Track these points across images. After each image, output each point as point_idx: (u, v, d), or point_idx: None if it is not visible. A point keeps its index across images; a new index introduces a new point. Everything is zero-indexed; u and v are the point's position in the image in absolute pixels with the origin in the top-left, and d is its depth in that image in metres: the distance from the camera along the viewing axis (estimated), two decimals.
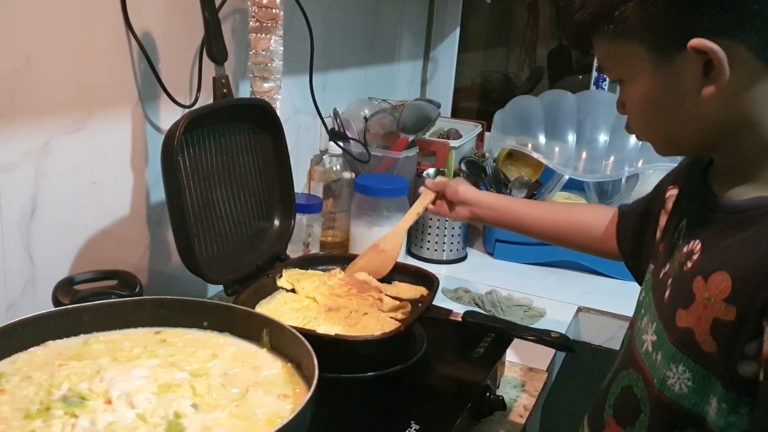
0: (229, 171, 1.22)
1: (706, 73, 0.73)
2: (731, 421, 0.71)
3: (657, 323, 0.81)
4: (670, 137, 0.83)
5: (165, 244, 1.33)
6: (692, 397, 0.74)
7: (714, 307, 0.71)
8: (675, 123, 0.79)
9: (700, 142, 0.81)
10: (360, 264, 1.31)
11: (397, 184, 1.68)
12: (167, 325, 0.94)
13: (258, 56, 1.34)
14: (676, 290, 0.80)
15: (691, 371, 0.74)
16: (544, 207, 1.27)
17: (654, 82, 0.77)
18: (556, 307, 1.53)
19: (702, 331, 0.73)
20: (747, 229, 0.73)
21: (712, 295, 0.72)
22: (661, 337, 0.79)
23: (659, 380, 0.78)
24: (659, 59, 0.75)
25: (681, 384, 0.75)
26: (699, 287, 0.74)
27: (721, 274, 0.71)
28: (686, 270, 0.78)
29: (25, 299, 1.07)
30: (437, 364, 1.13)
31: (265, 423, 0.76)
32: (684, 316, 0.75)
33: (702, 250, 0.78)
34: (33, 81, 1.02)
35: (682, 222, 0.87)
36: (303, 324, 1.10)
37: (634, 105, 0.81)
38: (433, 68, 2.41)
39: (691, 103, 0.75)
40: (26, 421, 0.72)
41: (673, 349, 0.76)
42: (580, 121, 1.80)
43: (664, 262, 0.87)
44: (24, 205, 1.05)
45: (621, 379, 0.87)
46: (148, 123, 1.25)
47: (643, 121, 0.83)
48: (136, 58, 1.18)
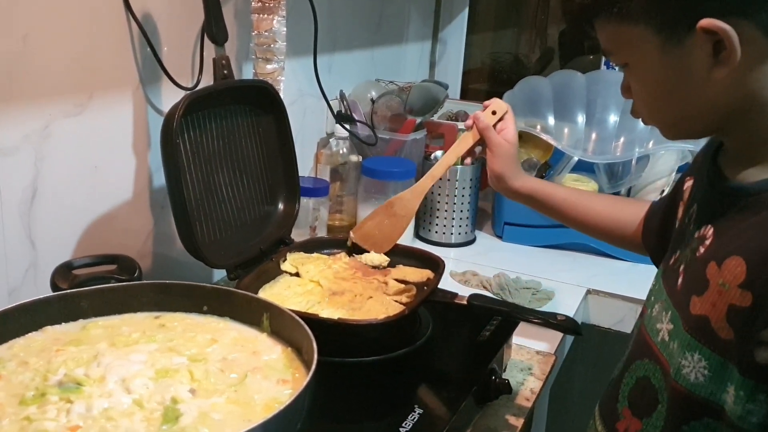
0: (231, 154, 1.21)
1: (715, 54, 0.71)
2: (750, 409, 0.69)
3: (672, 311, 0.79)
4: (678, 121, 0.81)
5: (169, 229, 1.32)
6: (709, 386, 0.72)
7: (729, 293, 0.69)
8: (683, 106, 0.77)
9: (709, 125, 0.79)
10: (368, 226, 1.27)
11: (404, 166, 1.66)
12: (167, 310, 0.93)
13: (260, 37, 1.32)
14: (689, 277, 0.78)
15: (708, 359, 0.72)
16: (588, 197, 1.16)
17: (662, 66, 0.75)
18: (565, 289, 1.52)
19: (718, 318, 0.70)
20: (760, 212, 0.71)
21: (727, 280, 0.70)
22: (677, 326, 0.77)
23: (675, 370, 0.76)
24: (667, 41, 0.73)
25: (697, 373, 0.73)
26: (713, 273, 0.72)
27: (735, 259, 0.69)
28: (699, 256, 0.77)
29: (27, 284, 1.07)
30: (442, 347, 1.12)
31: (263, 408, 0.75)
32: (698, 303, 0.73)
33: (714, 235, 0.76)
34: (31, 63, 1.01)
35: (692, 207, 0.85)
36: (306, 308, 1.09)
37: (641, 89, 0.80)
38: (442, 49, 2.38)
39: (700, 85, 0.74)
40: (21, 407, 0.72)
41: (689, 337, 0.74)
42: (589, 101, 1.77)
43: (675, 249, 0.85)
44: (24, 190, 1.04)
45: (635, 370, 0.85)
46: (149, 106, 1.23)
47: (651, 105, 0.81)
48: (136, 40, 1.17)
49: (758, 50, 0.71)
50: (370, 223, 1.28)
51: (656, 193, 1.69)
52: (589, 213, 1.13)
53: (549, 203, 1.15)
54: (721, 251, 0.72)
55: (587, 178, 1.79)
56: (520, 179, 1.15)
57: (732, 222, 0.74)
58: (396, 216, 1.25)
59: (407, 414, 0.92)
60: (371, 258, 1.27)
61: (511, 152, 1.15)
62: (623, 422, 0.85)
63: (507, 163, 1.15)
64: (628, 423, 0.84)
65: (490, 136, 1.15)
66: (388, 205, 1.27)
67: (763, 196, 0.72)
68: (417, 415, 0.92)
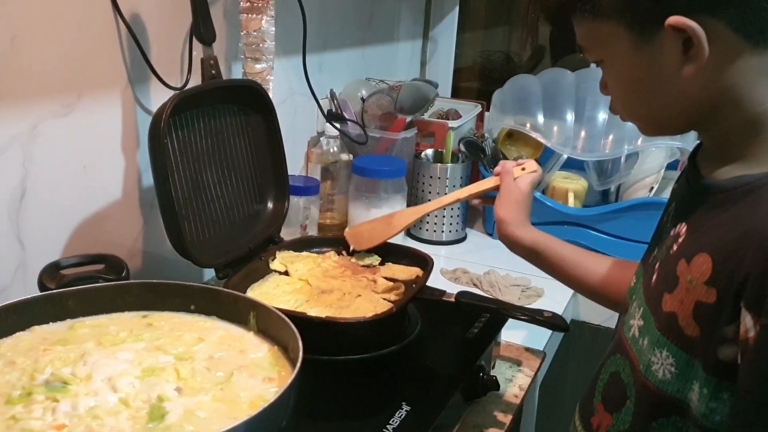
0: (220, 153, 1.21)
1: (685, 51, 0.72)
2: (713, 407, 0.70)
3: (644, 308, 0.80)
4: (653, 117, 0.81)
5: (159, 228, 1.31)
6: (676, 383, 0.73)
7: (696, 290, 0.70)
8: (657, 103, 0.78)
9: (684, 121, 0.80)
10: (363, 228, 1.30)
11: (395, 165, 1.66)
12: (154, 309, 0.94)
13: (249, 37, 1.32)
14: (662, 274, 0.79)
15: (675, 356, 0.73)
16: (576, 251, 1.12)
17: (634, 62, 0.76)
18: (555, 286, 1.50)
19: (685, 315, 0.71)
20: (729, 209, 0.71)
21: (694, 277, 0.70)
22: (648, 322, 0.78)
23: (644, 366, 0.77)
24: (638, 39, 0.74)
25: (665, 370, 0.74)
26: (682, 270, 0.73)
27: (703, 256, 0.70)
28: (672, 253, 0.77)
29: (16, 284, 1.07)
30: (430, 345, 1.13)
31: (248, 406, 0.76)
32: (669, 300, 0.74)
33: (687, 233, 0.77)
34: (19, 63, 1.01)
35: (671, 206, 0.86)
36: (295, 307, 1.10)
37: (616, 86, 0.81)
38: (433, 48, 2.39)
39: (672, 82, 0.74)
40: (7, 407, 0.72)
41: (658, 333, 0.75)
42: (579, 99, 1.78)
43: (653, 247, 0.86)
44: (13, 190, 1.05)
45: (609, 365, 0.86)
46: (138, 106, 1.23)
47: (626, 101, 0.82)
48: (124, 40, 1.17)
49: (728, 47, 0.71)
50: (365, 226, 1.30)
51: (645, 190, 1.70)
52: (590, 275, 1.09)
53: (551, 259, 1.11)
54: (691, 248, 0.73)
55: (577, 175, 1.80)
56: (524, 229, 1.11)
57: (704, 219, 0.75)
58: (390, 225, 1.27)
59: (395, 411, 0.93)
60: (361, 257, 1.28)
61: (520, 200, 1.12)
62: (597, 417, 0.86)
63: (513, 209, 1.12)
64: (601, 418, 0.85)
65: (505, 180, 1.13)
66: (389, 216, 1.28)
67: (734, 193, 0.72)
68: (404, 412, 0.93)
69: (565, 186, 1.75)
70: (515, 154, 1.85)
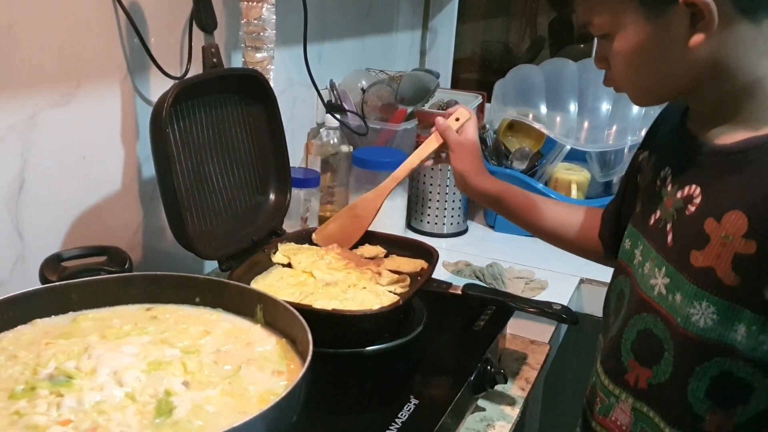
0: (221, 144, 1.19)
1: (692, 24, 0.78)
2: (762, 339, 0.79)
3: (666, 267, 0.86)
4: (653, 85, 0.87)
5: (159, 220, 1.30)
6: (717, 329, 0.80)
7: (733, 243, 0.78)
8: (661, 71, 0.85)
9: (679, 88, 0.87)
10: (330, 228, 1.27)
11: (395, 156, 1.64)
12: (158, 302, 0.92)
13: (250, 25, 1.30)
14: (681, 233, 0.85)
15: (715, 305, 0.80)
16: (537, 197, 1.19)
17: (645, 34, 0.82)
18: (558, 279, 1.51)
19: (723, 267, 0.79)
20: (748, 169, 0.79)
21: (729, 233, 0.78)
22: (676, 279, 0.84)
23: (683, 319, 0.83)
24: (650, 12, 0.81)
25: (706, 319, 0.81)
26: (712, 228, 0.80)
27: (735, 213, 0.78)
28: (689, 214, 0.84)
29: (15, 277, 1.05)
30: (437, 338, 1.12)
31: (258, 400, 0.74)
32: (701, 256, 0.81)
33: (702, 194, 0.83)
34: (16, 52, 0.99)
35: (664, 170, 0.91)
36: (300, 299, 1.08)
37: (623, 56, 0.85)
38: (432, 38, 2.37)
39: (678, 52, 0.81)
40: (11, 402, 0.70)
41: (694, 288, 0.82)
42: (581, 90, 1.77)
43: (651, 210, 0.92)
44: (11, 181, 1.03)
45: (634, 324, 0.91)
46: (138, 96, 1.21)
47: (631, 71, 0.86)
48: (123, 28, 1.15)
49: (728, 21, 0.78)
50: (332, 225, 1.27)
51: None
52: (547, 217, 1.17)
53: (514, 204, 1.17)
54: (716, 207, 0.80)
55: (579, 167, 1.79)
56: (486, 177, 1.16)
57: (719, 180, 0.82)
58: (358, 217, 1.26)
59: (403, 404, 0.92)
60: (365, 250, 1.26)
61: (473, 149, 1.16)
62: (632, 373, 0.91)
63: (469, 160, 1.15)
64: (638, 372, 0.90)
65: (450, 136, 1.16)
66: (351, 207, 1.28)
67: (748, 154, 0.80)
68: (413, 406, 0.92)
69: (568, 177, 1.74)
70: (517, 145, 1.83)
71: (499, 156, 1.82)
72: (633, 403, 0.91)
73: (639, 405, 0.90)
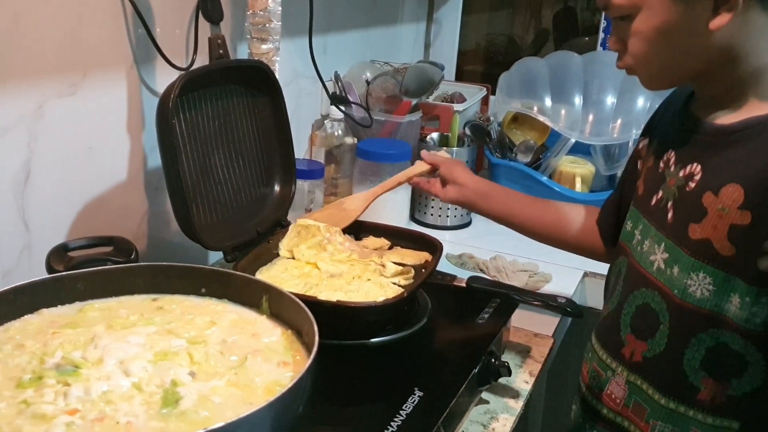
0: (227, 135, 1.19)
1: (714, 8, 0.82)
2: (755, 311, 0.83)
3: (666, 242, 0.91)
4: (670, 67, 0.90)
5: (164, 211, 1.31)
6: (713, 299, 0.85)
7: (729, 215, 0.82)
8: (680, 52, 0.87)
9: (694, 72, 0.90)
10: (316, 215, 1.29)
11: (399, 148, 1.65)
12: (164, 292, 0.92)
13: (255, 16, 1.30)
14: (681, 209, 0.90)
15: (712, 276, 0.85)
16: (533, 201, 1.25)
17: (670, 14, 0.84)
18: (562, 272, 1.51)
19: (719, 238, 0.83)
20: (747, 145, 0.84)
21: (726, 205, 0.83)
22: (674, 253, 0.89)
23: (680, 290, 0.88)
24: None
25: (702, 289, 0.86)
26: (710, 201, 0.84)
27: (732, 186, 0.82)
28: (690, 190, 0.88)
29: (21, 266, 1.05)
30: (441, 330, 1.12)
31: (264, 391, 0.74)
32: (698, 229, 0.86)
33: (703, 170, 0.87)
34: (23, 42, 0.99)
35: (667, 153, 0.95)
36: (305, 290, 1.08)
37: (645, 34, 0.87)
38: (437, 30, 2.36)
39: (699, 34, 0.84)
40: (18, 390, 0.71)
41: (692, 260, 0.86)
42: (586, 83, 1.76)
43: (654, 191, 0.95)
44: (17, 171, 1.03)
45: (633, 299, 0.95)
46: (143, 86, 1.21)
47: (651, 50, 0.88)
48: (130, 18, 1.15)
49: (746, 7, 0.82)
50: (318, 215, 1.29)
51: None
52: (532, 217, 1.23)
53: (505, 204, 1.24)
54: (714, 182, 0.85)
55: (584, 160, 1.79)
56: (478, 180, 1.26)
57: (718, 157, 0.86)
58: (346, 210, 1.29)
59: (407, 396, 0.92)
60: (369, 241, 1.26)
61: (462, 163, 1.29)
62: (628, 347, 0.95)
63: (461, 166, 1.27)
64: (633, 346, 0.94)
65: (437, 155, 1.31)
66: (340, 202, 1.32)
67: (748, 132, 0.84)
68: (417, 398, 0.92)
69: (573, 170, 1.74)
70: (521, 138, 1.83)
71: (504, 149, 1.81)
72: (627, 376, 0.95)
73: (633, 378, 0.94)
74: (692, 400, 0.89)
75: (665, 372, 0.91)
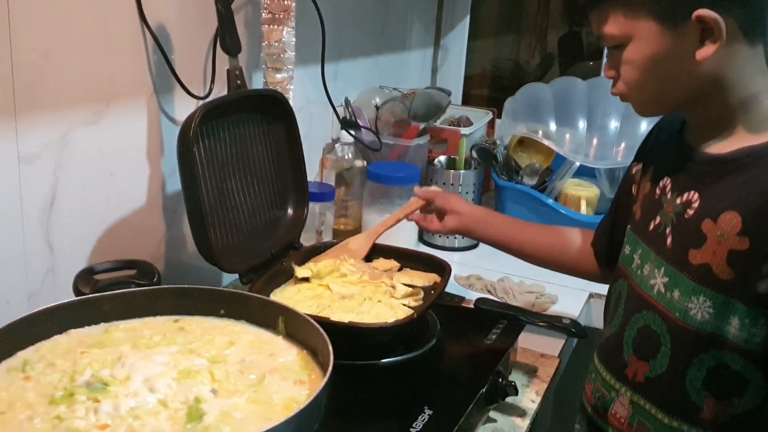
0: (243, 161, 1.24)
1: (701, 39, 0.86)
2: (754, 332, 0.86)
3: (666, 266, 0.94)
4: (660, 94, 0.94)
5: (181, 234, 1.35)
6: (713, 321, 0.88)
7: (728, 241, 0.86)
8: (669, 81, 0.92)
9: (683, 99, 0.94)
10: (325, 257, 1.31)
11: (408, 171, 1.68)
12: (185, 314, 0.96)
13: (271, 47, 1.35)
14: (680, 235, 0.93)
15: (711, 299, 0.88)
16: (530, 226, 1.32)
17: (659, 45, 0.89)
18: (568, 293, 1.54)
19: (719, 263, 0.87)
20: (742, 174, 0.87)
21: (725, 231, 0.86)
22: (675, 277, 0.92)
23: (681, 313, 0.91)
24: (665, 26, 0.88)
25: (703, 312, 0.89)
26: (709, 228, 0.88)
27: (730, 213, 0.86)
28: (689, 217, 0.92)
29: (46, 288, 1.09)
30: (450, 350, 1.15)
31: (282, 408, 0.78)
32: (698, 254, 0.89)
33: (701, 198, 0.91)
34: (51, 74, 1.04)
35: (663, 180, 0.99)
36: (317, 312, 1.12)
37: (636, 64, 0.92)
38: (444, 56, 2.41)
39: (687, 64, 0.88)
40: (51, 407, 0.75)
41: (692, 284, 0.90)
42: (590, 107, 1.80)
43: (649, 217, 0.99)
44: (44, 197, 1.07)
45: (635, 322, 0.98)
46: (163, 114, 1.26)
47: (641, 78, 0.92)
48: (151, 51, 1.20)
49: (731, 39, 0.86)
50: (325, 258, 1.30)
51: None
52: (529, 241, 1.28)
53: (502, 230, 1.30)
54: (712, 209, 0.88)
55: (589, 183, 1.82)
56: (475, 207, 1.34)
57: (716, 185, 0.90)
58: (351, 251, 1.32)
59: (417, 415, 0.94)
60: (379, 263, 1.30)
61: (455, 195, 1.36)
62: (631, 368, 0.98)
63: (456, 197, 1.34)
64: (636, 367, 0.97)
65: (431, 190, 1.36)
66: (344, 243, 1.35)
67: (743, 161, 0.88)
68: (427, 416, 0.95)
69: (578, 193, 1.77)
70: (527, 161, 1.87)
71: (510, 171, 1.85)
72: (631, 396, 0.98)
73: (636, 398, 0.97)
74: (695, 419, 0.91)
75: (668, 392, 0.93)
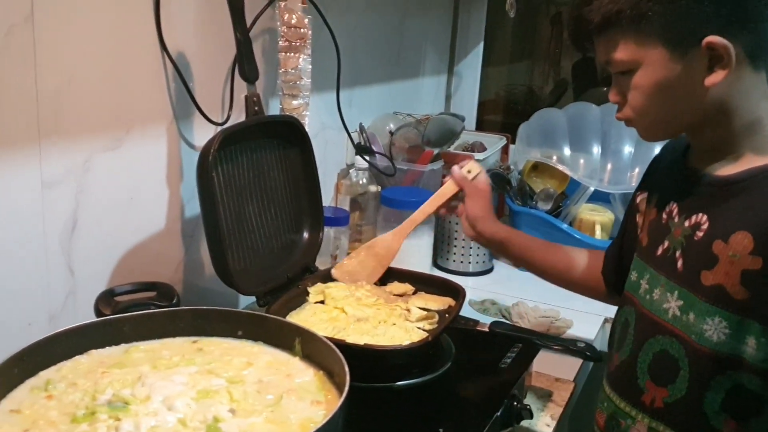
0: (260, 185, 1.26)
1: (710, 66, 0.88)
2: None
3: (678, 290, 0.94)
4: (667, 120, 0.96)
5: (198, 257, 1.37)
6: (730, 342, 0.88)
7: (741, 261, 0.86)
8: (676, 106, 0.93)
9: (689, 124, 0.96)
10: (350, 264, 1.32)
11: (422, 196, 1.67)
12: (204, 335, 0.97)
13: (287, 74, 1.38)
14: (691, 257, 0.93)
15: (727, 320, 0.88)
16: (545, 243, 1.31)
17: (668, 71, 0.90)
18: (583, 318, 1.54)
19: (732, 283, 0.87)
20: (752, 194, 0.89)
21: (737, 251, 0.87)
22: (689, 300, 0.92)
23: (697, 335, 0.91)
24: (674, 53, 0.89)
25: (719, 333, 0.89)
26: (720, 248, 0.89)
27: (741, 233, 0.86)
28: (698, 239, 0.92)
29: (67, 310, 1.11)
30: (465, 374, 1.15)
31: (299, 428, 0.79)
32: (710, 275, 0.89)
33: (710, 220, 0.92)
34: (74, 101, 1.06)
35: (669, 205, 0.99)
36: (333, 334, 1.13)
37: (644, 89, 0.93)
38: (458, 82, 2.44)
39: (695, 89, 0.90)
40: (73, 425, 0.76)
41: (707, 305, 0.90)
42: (604, 132, 1.81)
43: (657, 243, 1.00)
44: (66, 221, 1.09)
45: (649, 347, 0.98)
46: (182, 140, 1.29)
47: (648, 104, 0.94)
48: (170, 79, 1.23)
49: (738, 66, 0.88)
50: (352, 261, 1.33)
51: None
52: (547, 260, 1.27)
53: (519, 248, 1.27)
54: (722, 230, 0.89)
55: (603, 207, 1.83)
56: (495, 224, 1.27)
57: (725, 206, 0.91)
58: (378, 255, 1.32)
59: None
60: (394, 287, 1.31)
61: (486, 196, 1.26)
62: (648, 394, 0.97)
63: (482, 205, 1.25)
64: (654, 393, 0.97)
65: (466, 183, 1.27)
66: (371, 245, 1.34)
67: (752, 181, 0.89)
68: None
69: (592, 218, 1.78)
70: (541, 186, 1.88)
71: (524, 196, 1.86)
72: (649, 423, 0.97)
73: (655, 424, 0.97)
74: None
75: (687, 416, 0.93)
